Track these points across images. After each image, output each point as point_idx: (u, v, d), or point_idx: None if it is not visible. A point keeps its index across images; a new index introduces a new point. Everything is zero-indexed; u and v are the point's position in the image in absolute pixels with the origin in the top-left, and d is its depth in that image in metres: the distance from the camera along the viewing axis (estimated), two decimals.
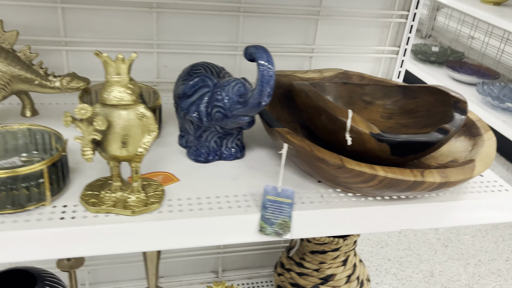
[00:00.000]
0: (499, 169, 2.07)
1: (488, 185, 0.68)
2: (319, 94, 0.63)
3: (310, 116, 0.65)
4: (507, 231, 1.68)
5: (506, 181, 1.90)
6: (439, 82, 2.48)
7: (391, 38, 0.93)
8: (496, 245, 1.61)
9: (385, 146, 0.58)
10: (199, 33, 0.84)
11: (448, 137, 0.61)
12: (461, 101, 0.68)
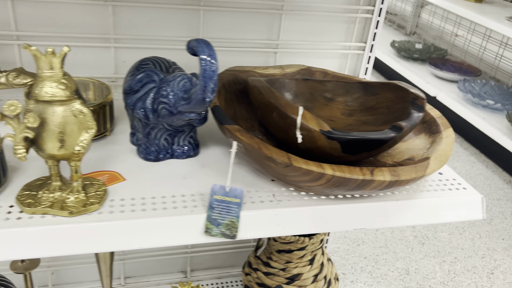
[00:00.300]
0: (479, 166, 2.07)
1: (446, 183, 0.66)
2: (272, 90, 0.61)
3: (263, 113, 0.63)
4: (484, 228, 1.68)
5: (485, 177, 1.90)
6: (421, 79, 2.47)
7: (357, 33, 0.92)
8: (473, 242, 1.60)
9: (335, 144, 0.57)
10: (159, 28, 0.82)
11: (402, 135, 0.60)
12: (419, 98, 0.67)
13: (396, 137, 0.59)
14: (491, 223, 1.71)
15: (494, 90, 2.30)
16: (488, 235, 1.64)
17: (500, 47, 2.45)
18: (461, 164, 2.07)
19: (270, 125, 0.63)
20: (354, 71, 0.96)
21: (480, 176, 2.00)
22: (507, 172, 2.03)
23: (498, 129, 2.01)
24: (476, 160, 2.12)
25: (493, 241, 1.62)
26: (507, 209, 1.79)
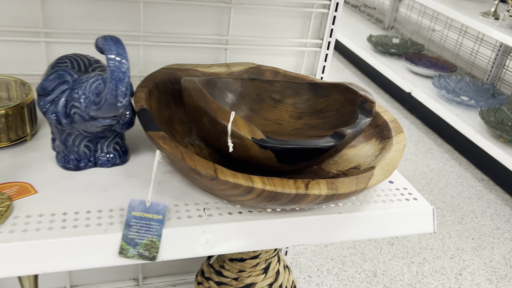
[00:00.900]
0: (452, 163, 2.05)
1: (396, 193, 0.62)
2: (203, 93, 0.55)
3: (194, 118, 0.57)
4: (454, 227, 1.65)
5: (457, 175, 1.87)
6: (397, 75, 2.44)
7: (313, 29, 0.86)
8: (442, 242, 1.58)
9: (269, 153, 0.51)
10: (95, 21, 0.75)
11: (344, 143, 0.55)
12: (368, 101, 0.62)
13: (337, 146, 0.54)
14: (461, 222, 1.69)
15: (469, 86, 2.28)
16: (458, 235, 1.62)
17: (476, 43, 2.43)
18: (434, 161, 2.05)
19: (202, 131, 0.57)
20: (311, 70, 0.90)
21: (453, 173, 1.98)
22: (479, 170, 2.02)
23: (471, 126, 1.99)
24: (449, 157, 2.10)
25: (463, 241, 1.59)
26: (478, 207, 1.78)
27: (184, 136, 0.63)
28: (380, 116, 0.69)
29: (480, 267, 1.49)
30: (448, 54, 2.67)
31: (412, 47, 2.77)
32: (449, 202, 1.79)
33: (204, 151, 0.61)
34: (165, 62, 0.82)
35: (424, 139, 2.23)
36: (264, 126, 0.68)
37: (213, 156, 0.61)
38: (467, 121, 2.02)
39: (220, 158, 0.60)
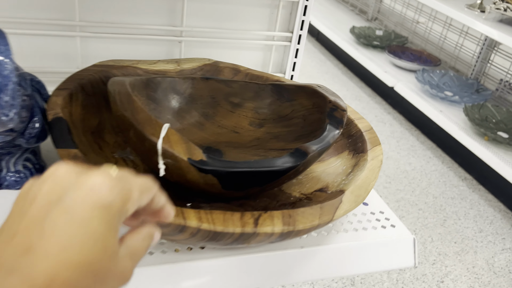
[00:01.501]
0: (435, 161, 1.97)
1: (370, 219, 0.52)
2: (130, 99, 0.44)
3: (121, 130, 0.46)
4: (436, 230, 1.58)
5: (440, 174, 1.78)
6: (380, 68, 2.35)
7: (282, 21, 0.75)
8: (424, 247, 1.50)
9: (211, 178, 0.41)
10: (27, 8, 0.63)
11: (307, 162, 0.45)
12: (338, 109, 0.51)
13: (298, 167, 0.43)
14: (444, 224, 1.62)
15: (453, 81, 2.20)
16: (440, 238, 1.55)
17: (461, 36, 2.35)
18: (416, 159, 1.97)
19: (130, 147, 0.47)
20: (281, 67, 0.80)
21: (435, 172, 1.90)
22: (463, 168, 1.95)
23: (455, 123, 1.91)
24: (432, 155, 2.02)
25: (445, 245, 1.52)
26: (461, 208, 1.71)
27: (116, 150, 0.52)
28: (354, 124, 0.59)
29: (462, 273, 1.42)
30: (432, 47, 2.59)
31: (396, 39, 2.68)
32: (432, 203, 1.71)
33: (139, 169, 0.50)
34: (109, 57, 0.70)
35: (406, 136, 2.15)
36: (218, 136, 0.58)
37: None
38: (451, 118, 1.94)
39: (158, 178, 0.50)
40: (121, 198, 0.24)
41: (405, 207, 1.67)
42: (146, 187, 0.27)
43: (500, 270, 1.44)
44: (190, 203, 0.45)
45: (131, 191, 0.25)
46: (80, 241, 0.22)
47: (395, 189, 1.76)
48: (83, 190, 0.23)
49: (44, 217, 0.22)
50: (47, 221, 0.22)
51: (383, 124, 2.22)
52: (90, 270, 0.22)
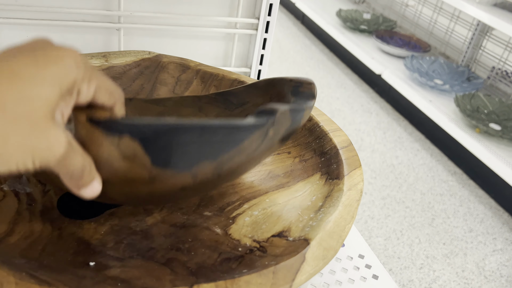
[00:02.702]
0: (423, 154, 1.87)
1: (346, 266, 0.40)
2: None
3: None
4: (424, 231, 1.48)
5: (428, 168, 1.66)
6: (367, 55, 2.23)
7: (247, 5, 0.62)
8: (411, 249, 1.41)
9: (129, 145, 0.27)
10: None
11: (278, 123, 0.33)
12: (303, 84, 0.39)
13: (265, 127, 0.31)
14: (432, 223, 1.52)
15: (443, 69, 2.09)
16: (428, 239, 1.45)
17: (451, 21, 2.23)
18: (403, 152, 1.87)
19: None
20: (246, 60, 0.67)
21: (423, 166, 1.80)
22: (452, 161, 1.85)
23: (445, 113, 1.80)
24: (420, 147, 1.92)
25: (433, 247, 1.42)
26: (451, 206, 1.61)
27: (7, 178, 0.39)
28: (328, 138, 0.46)
29: (451, 278, 1.32)
30: (421, 32, 2.47)
31: (384, 23, 2.55)
32: (419, 200, 1.62)
33: (36, 206, 0.37)
34: None
35: (393, 127, 2.04)
36: None
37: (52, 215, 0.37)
38: (441, 108, 1.84)
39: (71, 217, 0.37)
40: (82, 74, 0.25)
41: (391, 205, 1.57)
42: (110, 88, 0.27)
43: (491, 274, 1.35)
44: (93, 262, 0.32)
45: (93, 78, 0.26)
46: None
47: (380, 185, 1.65)
48: (55, 49, 0.24)
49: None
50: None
51: (369, 114, 2.10)
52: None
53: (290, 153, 0.49)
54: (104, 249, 0.34)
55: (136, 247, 0.35)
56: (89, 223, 0.37)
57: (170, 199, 0.38)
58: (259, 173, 0.46)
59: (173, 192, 0.31)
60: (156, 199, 0.33)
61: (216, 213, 0.40)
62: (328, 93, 2.25)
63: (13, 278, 0.26)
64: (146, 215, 0.39)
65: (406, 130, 2.03)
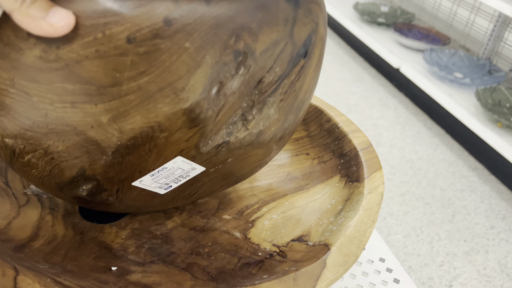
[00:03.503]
0: (443, 149, 1.84)
1: (367, 270, 0.40)
2: None
3: None
4: (444, 227, 1.46)
5: (448, 163, 1.63)
6: (384, 48, 2.20)
7: None
8: (431, 246, 1.39)
9: None
10: None
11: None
12: None
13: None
14: (452, 220, 1.50)
15: (463, 62, 2.05)
16: (449, 236, 1.43)
17: (472, 12, 2.18)
18: (423, 147, 1.84)
19: None
20: None
21: (443, 161, 1.77)
22: (473, 156, 1.81)
23: (465, 108, 1.77)
24: (440, 142, 1.89)
25: (454, 244, 1.40)
26: (471, 202, 1.58)
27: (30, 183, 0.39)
28: (347, 138, 0.46)
29: (472, 276, 1.30)
30: (440, 24, 2.42)
31: (402, 16, 2.51)
32: (439, 196, 1.59)
33: (59, 211, 0.38)
34: None
35: (412, 121, 2.01)
36: None
37: (74, 219, 0.38)
38: (461, 102, 1.80)
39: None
40: None
41: (410, 201, 1.55)
42: None
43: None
44: (115, 267, 0.33)
45: None
46: None
47: (399, 181, 1.63)
48: None
49: None
50: None
51: (388, 109, 2.08)
52: None
53: (309, 155, 0.48)
54: (125, 254, 0.34)
55: (157, 252, 0.35)
56: (110, 227, 0.37)
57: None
58: (277, 175, 0.46)
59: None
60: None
61: (235, 216, 0.40)
62: (345, 87, 2.23)
63: (39, 285, 0.26)
64: (166, 218, 0.39)
65: (426, 125, 2.00)
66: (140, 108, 0.26)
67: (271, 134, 0.33)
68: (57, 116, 0.26)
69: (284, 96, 0.31)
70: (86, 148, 0.27)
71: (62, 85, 0.25)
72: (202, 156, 0.30)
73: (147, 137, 0.27)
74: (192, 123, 0.27)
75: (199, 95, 0.26)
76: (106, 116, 0.26)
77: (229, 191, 0.43)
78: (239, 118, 0.29)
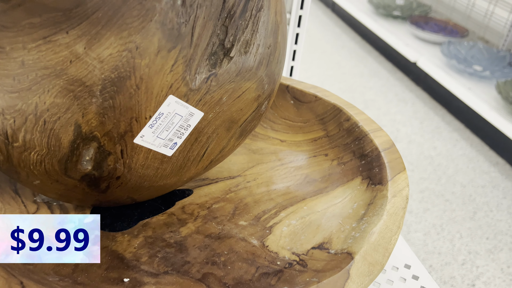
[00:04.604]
0: (463, 144, 1.79)
1: (392, 278, 0.38)
2: None
3: None
4: (465, 225, 1.42)
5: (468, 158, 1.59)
6: (400, 42, 2.15)
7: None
8: (452, 245, 1.35)
9: None
10: None
11: None
12: None
13: None
14: (474, 217, 1.46)
15: (482, 54, 1.99)
16: (470, 234, 1.39)
17: (491, 3, 2.12)
18: (442, 142, 1.80)
19: None
20: None
21: (463, 157, 1.73)
22: (494, 151, 1.76)
23: (485, 101, 1.72)
24: (459, 137, 1.84)
25: (476, 242, 1.37)
26: (493, 198, 1.54)
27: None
28: (368, 138, 0.44)
29: (496, 274, 1.27)
30: (458, 16, 2.36)
31: (418, 8, 2.46)
32: (460, 193, 1.55)
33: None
34: None
35: (431, 116, 1.97)
36: None
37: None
38: (481, 96, 1.75)
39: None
40: None
41: (430, 198, 1.51)
42: None
43: None
44: (127, 278, 0.31)
45: None
46: None
47: (418, 178, 1.60)
48: None
49: None
50: None
51: (405, 104, 2.03)
52: None
53: (327, 155, 0.46)
54: (138, 264, 0.33)
55: (171, 261, 0.33)
56: (123, 235, 0.36)
57: None
58: (295, 177, 0.44)
59: None
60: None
61: (252, 223, 0.38)
62: (360, 83, 2.19)
63: None
64: (180, 225, 0.38)
65: (444, 120, 1.95)
66: (110, 26, 0.25)
67: (256, 60, 0.33)
68: (33, 60, 0.25)
69: (255, 19, 0.31)
70: (73, 93, 0.27)
71: (29, 21, 0.24)
72: (194, 94, 0.30)
73: (128, 65, 0.27)
74: (169, 42, 0.27)
75: (164, 3, 0.26)
76: (80, 44, 0.25)
77: (245, 195, 0.42)
78: (218, 48, 0.29)
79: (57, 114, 0.27)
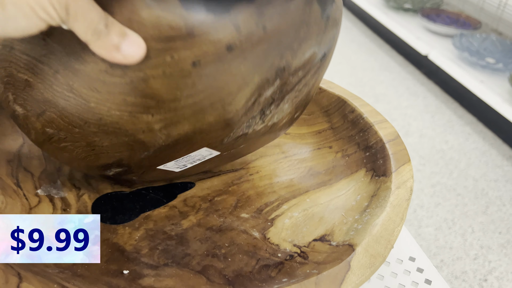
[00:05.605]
0: (475, 138, 1.77)
1: (396, 271, 0.37)
2: None
3: None
4: (477, 219, 1.40)
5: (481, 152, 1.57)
6: (412, 35, 2.13)
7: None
8: (464, 239, 1.34)
9: None
10: None
11: None
12: None
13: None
14: (486, 211, 1.44)
15: (496, 46, 1.96)
16: (483, 228, 1.37)
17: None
18: (454, 136, 1.78)
19: None
20: None
21: (475, 150, 1.70)
22: (507, 145, 1.74)
23: (499, 94, 1.69)
24: (471, 130, 1.82)
25: (488, 236, 1.35)
26: (506, 192, 1.51)
27: (42, 183, 0.38)
28: (373, 130, 0.43)
29: (509, 269, 1.25)
30: (470, 8, 2.32)
31: (430, 1, 2.42)
32: (472, 187, 1.53)
33: (71, 211, 0.37)
34: None
35: (443, 110, 1.94)
36: None
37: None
38: (494, 89, 1.72)
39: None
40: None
41: (441, 192, 1.49)
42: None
43: None
44: (127, 270, 0.31)
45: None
46: None
47: (430, 172, 1.58)
48: None
49: None
50: None
51: (416, 97, 2.01)
52: None
53: (332, 148, 0.46)
54: (138, 256, 0.33)
55: (171, 254, 0.33)
56: (124, 228, 0.36)
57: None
58: (299, 170, 0.44)
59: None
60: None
61: (254, 215, 0.38)
62: (371, 76, 2.17)
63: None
64: (182, 218, 0.38)
65: (456, 113, 1.92)
66: (191, 118, 0.28)
67: (282, 125, 0.35)
68: (111, 121, 0.27)
69: (299, 93, 0.33)
70: (131, 146, 0.29)
71: (123, 97, 0.26)
72: (222, 146, 0.32)
73: (187, 138, 0.29)
74: (227, 126, 0.30)
75: (241, 107, 0.29)
76: (158, 124, 0.28)
77: (247, 187, 0.41)
78: (258, 113, 0.31)
79: (108, 151, 0.30)
